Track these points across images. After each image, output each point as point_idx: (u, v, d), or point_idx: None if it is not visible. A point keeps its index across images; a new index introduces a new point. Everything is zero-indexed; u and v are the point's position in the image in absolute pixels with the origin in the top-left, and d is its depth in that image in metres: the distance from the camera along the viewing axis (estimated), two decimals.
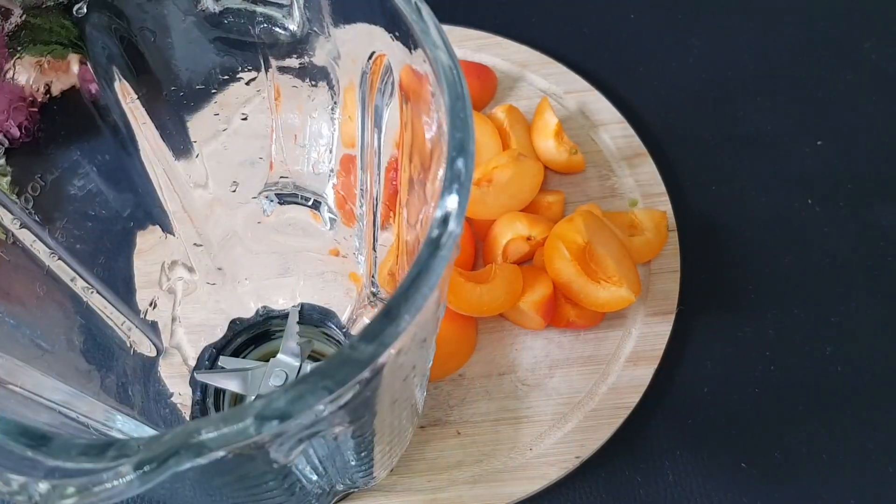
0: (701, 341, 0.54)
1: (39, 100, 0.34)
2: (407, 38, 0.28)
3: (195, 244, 0.46)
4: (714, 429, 0.51)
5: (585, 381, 0.51)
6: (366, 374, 0.21)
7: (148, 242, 0.43)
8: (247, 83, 0.39)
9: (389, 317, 0.22)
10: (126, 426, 0.36)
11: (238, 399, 0.46)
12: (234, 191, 0.45)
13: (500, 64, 0.63)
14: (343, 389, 0.21)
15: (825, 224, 0.58)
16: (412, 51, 0.28)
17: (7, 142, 0.33)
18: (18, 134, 0.34)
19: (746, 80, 0.65)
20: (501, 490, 0.48)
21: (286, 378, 0.43)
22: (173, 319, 0.46)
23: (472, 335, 0.52)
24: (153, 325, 0.44)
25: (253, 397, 0.42)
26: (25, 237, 0.35)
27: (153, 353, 0.44)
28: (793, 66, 0.65)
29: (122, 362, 0.41)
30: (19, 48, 0.32)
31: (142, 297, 0.43)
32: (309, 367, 0.43)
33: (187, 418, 0.44)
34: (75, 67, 0.34)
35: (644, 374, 0.51)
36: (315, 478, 0.35)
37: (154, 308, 0.44)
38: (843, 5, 0.68)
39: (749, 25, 0.67)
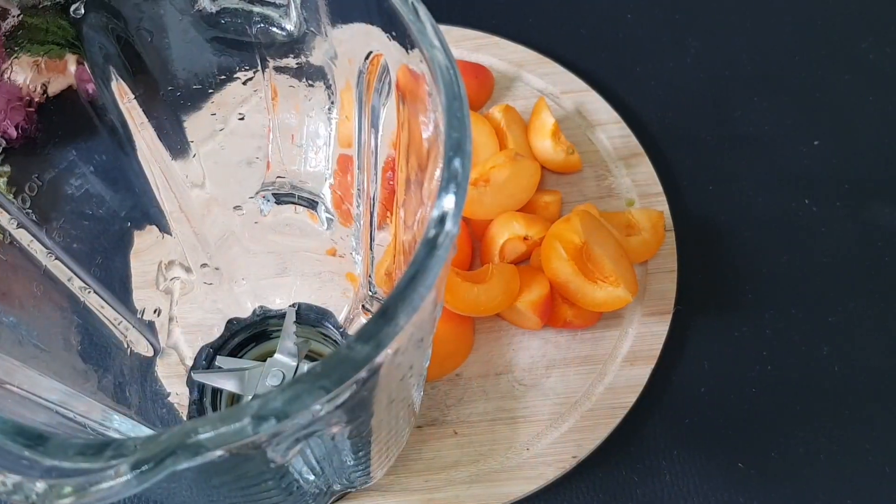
0: (698, 341, 0.54)
1: (37, 100, 0.34)
2: (404, 38, 0.28)
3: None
4: (711, 428, 0.51)
5: (582, 380, 0.51)
6: (363, 373, 0.21)
7: (145, 242, 0.43)
8: (243, 83, 0.39)
9: (386, 317, 0.22)
10: (123, 426, 0.36)
11: (235, 399, 0.46)
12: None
13: (496, 64, 0.63)
14: (340, 389, 0.21)
15: (822, 224, 0.58)
16: (409, 51, 0.28)
17: (4, 142, 0.33)
18: (16, 134, 0.34)
19: (744, 80, 0.65)
20: (498, 490, 0.48)
21: (283, 378, 0.43)
22: (170, 319, 0.46)
23: (470, 335, 0.52)
24: (150, 325, 0.44)
25: (250, 397, 0.42)
26: (23, 237, 0.35)
27: (150, 353, 0.44)
28: (790, 66, 0.65)
29: (119, 362, 0.41)
30: (16, 48, 0.32)
31: (139, 297, 0.43)
32: (306, 367, 0.43)
33: (184, 418, 0.44)
34: (72, 67, 0.34)
35: (641, 374, 0.51)
36: (312, 478, 0.35)
37: (151, 308, 0.44)
38: (840, 5, 0.68)
39: (746, 25, 0.68)
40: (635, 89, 0.64)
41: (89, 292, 0.39)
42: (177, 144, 0.41)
